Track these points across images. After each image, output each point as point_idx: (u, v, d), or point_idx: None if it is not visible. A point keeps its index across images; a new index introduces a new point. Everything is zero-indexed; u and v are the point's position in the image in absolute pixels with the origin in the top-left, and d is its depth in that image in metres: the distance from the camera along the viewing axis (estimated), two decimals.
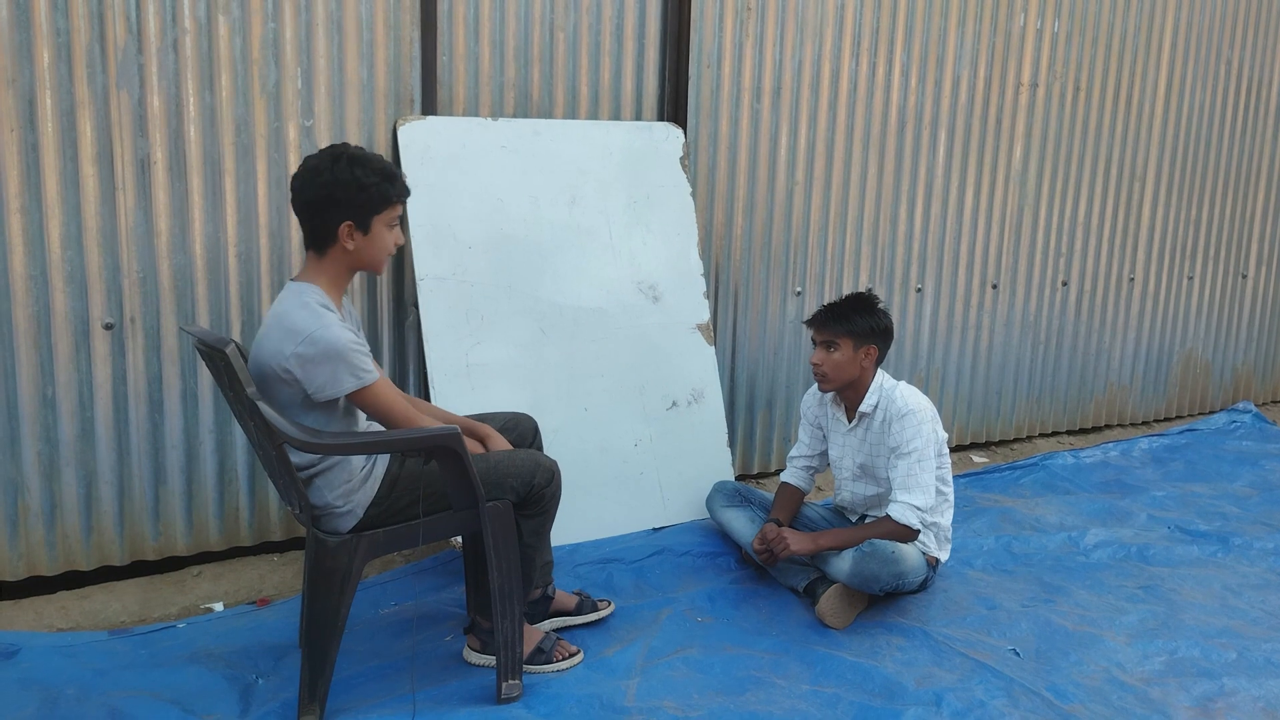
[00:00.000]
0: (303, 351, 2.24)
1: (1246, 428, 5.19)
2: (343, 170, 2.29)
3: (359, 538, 2.37)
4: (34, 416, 2.91)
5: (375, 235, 2.36)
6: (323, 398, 2.28)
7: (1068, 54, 4.57)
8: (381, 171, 2.33)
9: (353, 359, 2.27)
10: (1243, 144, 5.25)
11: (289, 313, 2.29)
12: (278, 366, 2.26)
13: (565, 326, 3.46)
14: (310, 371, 2.25)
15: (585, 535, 3.37)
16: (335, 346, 2.24)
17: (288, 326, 2.26)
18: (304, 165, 2.34)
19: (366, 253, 2.37)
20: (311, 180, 2.30)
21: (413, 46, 3.27)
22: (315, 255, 2.38)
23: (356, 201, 2.30)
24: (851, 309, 3.07)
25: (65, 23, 2.79)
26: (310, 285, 2.35)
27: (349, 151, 2.33)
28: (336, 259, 2.37)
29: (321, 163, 2.31)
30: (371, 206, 2.33)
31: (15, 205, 2.80)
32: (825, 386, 3.12)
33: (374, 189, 2.31)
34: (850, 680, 2.65)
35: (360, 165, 2.30)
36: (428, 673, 2.62)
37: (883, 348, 3.10)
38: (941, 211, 4.40)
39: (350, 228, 2.32)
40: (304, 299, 2.30)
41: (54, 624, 2.87)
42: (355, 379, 2.28)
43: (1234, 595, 3.22)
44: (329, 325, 2.25)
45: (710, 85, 3.80)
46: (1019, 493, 4.15)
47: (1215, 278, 5.37)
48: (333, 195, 2.29)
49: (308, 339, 2.23)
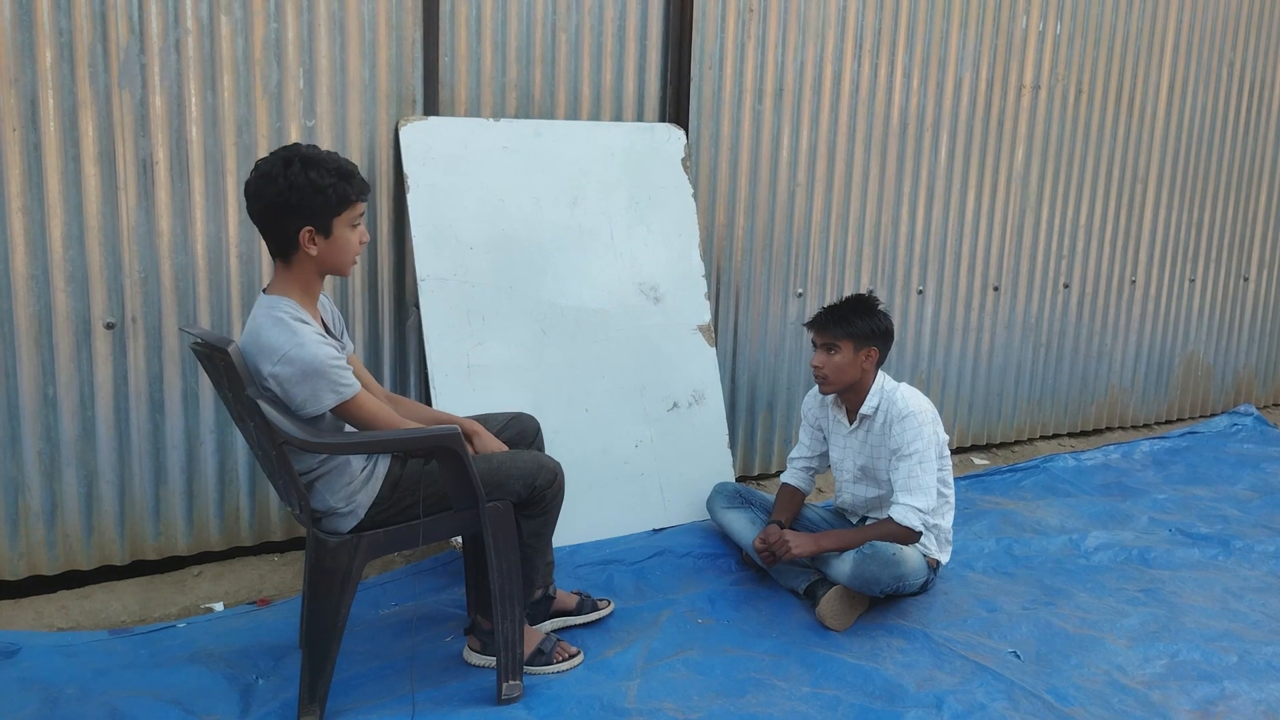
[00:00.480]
0: (279, 371, 2.19)
1: (1248, 431, 5.19)
2: (296, 174, 2.18)
3: (359, 538, 2.37)
4: (35, 416, 2.91)
5: (338, 237, 2.27)
6: (304, 414, 2.24)
7: (1069, 56, 4.57)
8: (338, 171, 2.23)
9: (331, 374, 2.21)
10: (1245, 147, 5.25)
11: (262, 329, 2.22)
12: (260, 383, 2.23)
13: (566, 327, 3.46)
14: (289, 390, 2.21)
15: (586, 536, 3.37)
16: (312, 364, 2.19)
17: (262, 344, 2.21)
18: (255, 171, 2.23)
19: (330, 256, 2.28)
20: (265, 187, 2.20)
21: (415, 47, 3.28)
22: (282, 264, 2.29)
23: (314, 206, 2.20)
24: (852, 311, 3.06)
25: (68, 22, 2.80)
26: (282, 298, 2.27)
27: (301, 153, 2.22)
28: (303, 266, 2.28)
29: (274, 168, 2.20)
30: (330, 209, 2.23)
31: (17, 205, 2.80)
32: (826, 389, 3.11)
33: (331, 190, 2.21)
34: (851, 682, 2.64)
35: (315, 167, 2.20)
36: (428, 673, 2.62)
37: (883, 349, 3.09)
38: (943, 213, 4.40)
39: (311, 233, 2.23)
40: (276, 313, 2.23)
41: (54, 623, 2.87)
42: (335, 394, 2.23)
43: (1235, 598, 3.22)
44: (304, 342, 2.19)
45: (712, 86, 3.80)
46: (1020, 495, 4.15)
47: (1217, 280, 5.37)
48: (288, 201, 2.19)
49: (283, 358, 2.18)
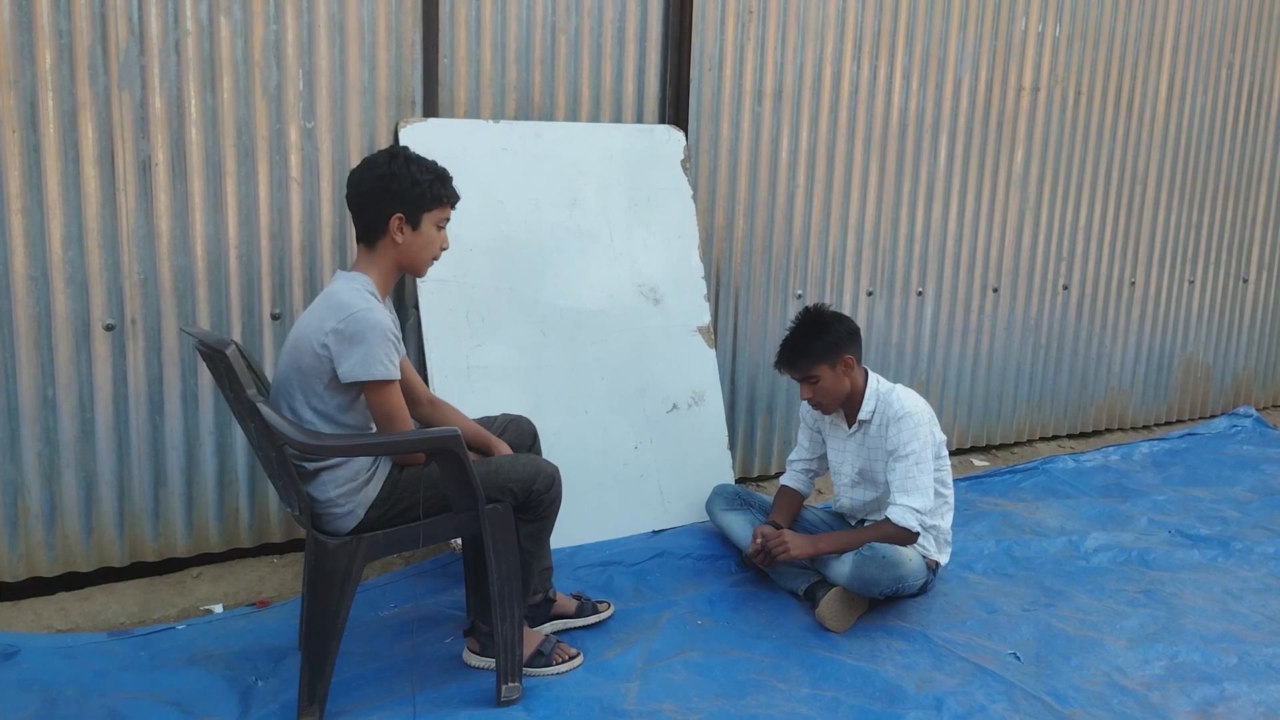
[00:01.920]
0: (343, 328, 2.30)
1: (1247, 432, 5.19)
2: (399, 165, 2.40)
3: (359, 539, 2.37)
4: (34, 417, 2.91)
5: (424, 232, 2.45)
6: (350, 378, 2.31)
7: (1068, 58, 4.57)
8: (435, 172, 2.45)
9: (389, 344, 2.34)
10: (1244, 148, 5.25)
11: (339, 291, 2.37)
12: (315, 341, 2.32)
13: (566, 328, 3.46)
14: (345, 349, 2.30)
15: (585, 538, 3.36)
16: (378, 328, 2.30)
17: (335, 302, 2.34)
18: (362, 162, 2.46)
19: (413, 248, 2.45)
20: (368, 173, 2.41)
21: (414, 49, 3.28)
22: (365, 249, 2.46)
23: (409, 195, 2.40)
24: (808, 337, 3.03)
25: (67, 24, 2.80)
26: (362, 275, 2.43)
27: (406, 151, 2.44)
28: (385, 253, 2.44)
29: (379, 158, 2.43)
30: (423, 202, 2.42)
31: (16, 206, 2.80)
32: (827, 411, 3.15)
33: (427, 186, 2.41)
34: (850, 684, 2.64)
35: (416, 163, 2.42)
36: (427, 675, 2.62)
37: (856, 351, 3.08)
38: (942, 215, 4.40)
39: (401, 220, 2.41)
40: (355, 284, 2.38)
41: (53, 625, 2.87)
42: (384, 368, 2.32)
43: (1235, 600, 3.22)
44: (374, 308, 2.33)
45: (711, 88, 3.80)
46: (1019, 496, 4.15)
47: (1216, 282, 5.37)
48: (388, 187, 2.39)
49: (351, 316, 2.30)
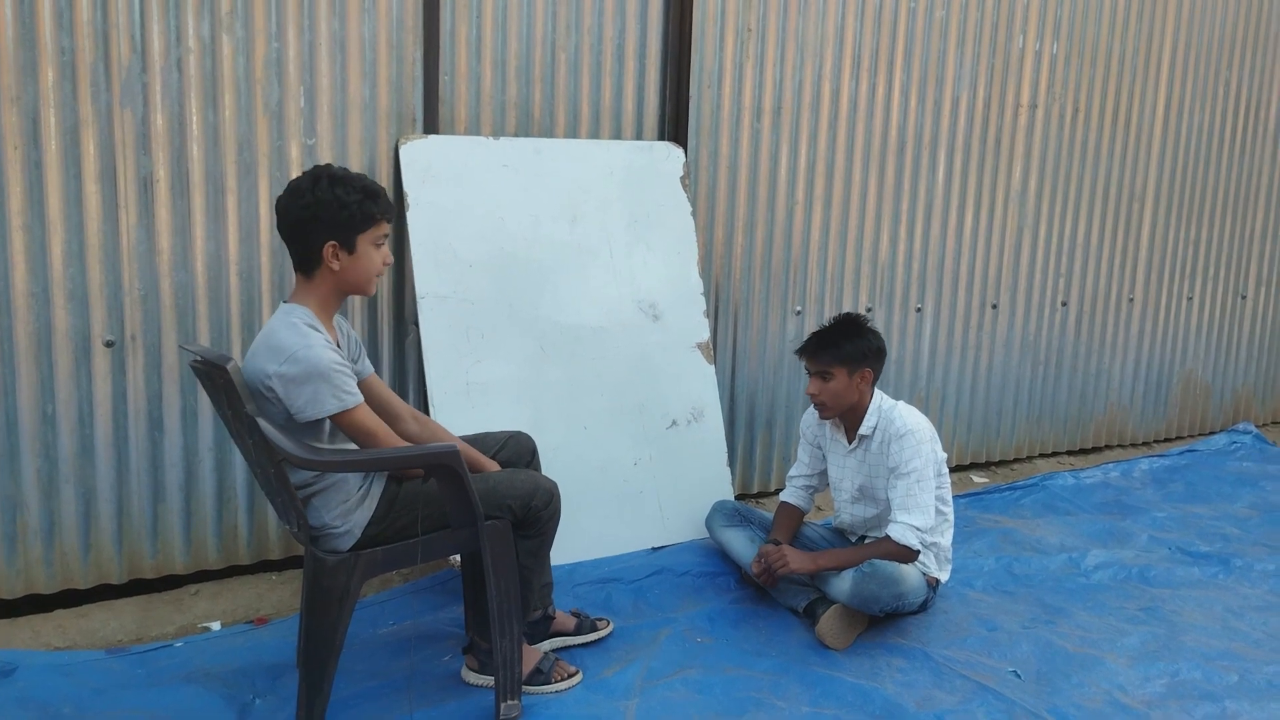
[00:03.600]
0: (285, 371, 2.24)
1: (1247, 449, 5.19)
2: (323, 191, 2.30)
3: (357, 556, 2.36)
4: (33, 433, 2.90)
5: (361, 254, 2.36)
6: (304, 418, 2.27)
7: (1066, 75, 4.59)
8: (363, 189, 2.33)
9: (335, 379, 2.26)
10: (1241, 164, 5.27)
11: (275, 331, 2.30)
12: (262, 385, 2.27)
13: (565, 345, 3.46)
14: (292, 391, 2.25)
15: (584, 554, 3.36)
16: (317, 366, 2.23)
17: (272, 345, 2.27)
18: (287, 188, 2.35)
19: (353, 272, 2.37)
20: (293, 202, 2.32)
21: (415, 66, 3.29)
22: (303, 277, 2.38)
23: (339, 220, 2.30)
24: (841, 335, 3.04)
25: (70, 41, 2.81)
26: (298, 306, 2.36)
27: (330, 171, 2.34)
28: (324, 280, 2.37)
29: (303, 184, 2.32)
30: (354, 225, 2.33)
31: (18, 222, 2.81)
32: (826, 415, 3.12)
33: (355, 207, 2.31)
34: (850, 702, 2.63)
35: (341, 184, 2.31)
36: (426, 693, 2.61)
37: (877, 369, 3.09)
38: (941, 231, 4.41)
39: (335, 247, 2.32)
40: (290, 319, 2.31)
41: (51, 642, 2.86)
42: (337, 400, 2.27)
43: (1235, 617, 3.21)
44: (312, 345, 2.25)
45: (711, 105, 3.81)
46: (1019, 513, 4.14)
47: (1215, 298, 5.38)
48: (315, 215, 2.30)
49: (290, 358, 2.23)
